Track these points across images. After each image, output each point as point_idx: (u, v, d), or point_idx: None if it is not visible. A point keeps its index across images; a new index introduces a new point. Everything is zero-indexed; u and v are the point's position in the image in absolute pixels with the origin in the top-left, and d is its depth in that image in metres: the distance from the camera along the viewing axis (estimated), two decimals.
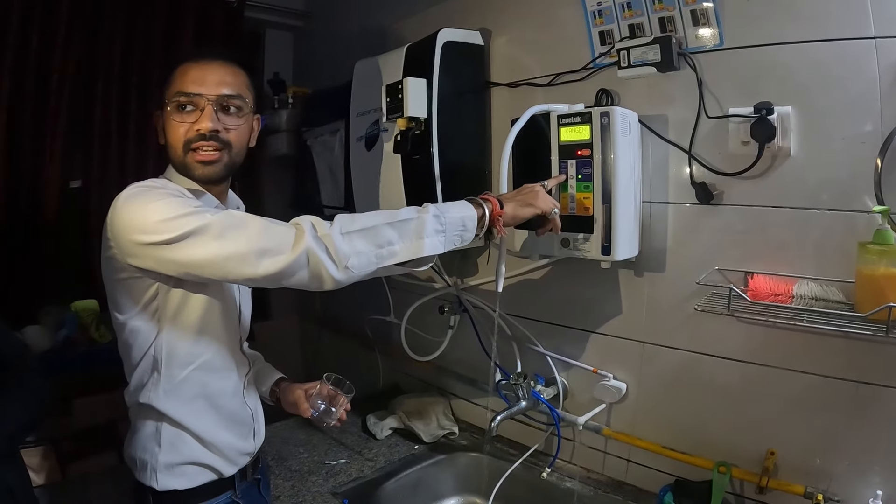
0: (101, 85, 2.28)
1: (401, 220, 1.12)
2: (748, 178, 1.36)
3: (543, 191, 1.35)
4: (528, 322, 1.87)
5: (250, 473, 1.38)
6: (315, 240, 1.04)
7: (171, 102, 1.18)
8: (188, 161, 1.19)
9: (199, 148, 1.19)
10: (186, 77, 1.18)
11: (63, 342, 2.10)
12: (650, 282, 1.57)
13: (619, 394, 1.63)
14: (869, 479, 1.23)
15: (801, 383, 1.32)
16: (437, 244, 1.15)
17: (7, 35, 2.05)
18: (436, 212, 1.15)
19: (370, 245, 1.09)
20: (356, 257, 1.07)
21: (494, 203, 1.24)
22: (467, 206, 1.21)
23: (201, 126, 1.17)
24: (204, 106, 1.17)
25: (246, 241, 1.03)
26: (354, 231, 1.08)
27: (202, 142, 1.18)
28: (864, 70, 1.20)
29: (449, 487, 1.89)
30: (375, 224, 1.10)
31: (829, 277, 1.26)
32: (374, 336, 2.47)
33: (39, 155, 2.17)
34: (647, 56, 1.45)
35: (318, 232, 1.05)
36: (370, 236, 1.09)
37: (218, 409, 1.26)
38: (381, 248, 1.10)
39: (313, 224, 1.06)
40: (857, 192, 1.22)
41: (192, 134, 1.18)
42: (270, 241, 1.03)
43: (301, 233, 1.04)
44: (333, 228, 1.06)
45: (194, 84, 1.17)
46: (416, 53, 1.83)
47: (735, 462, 1.41)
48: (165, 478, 1.21)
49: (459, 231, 1.18)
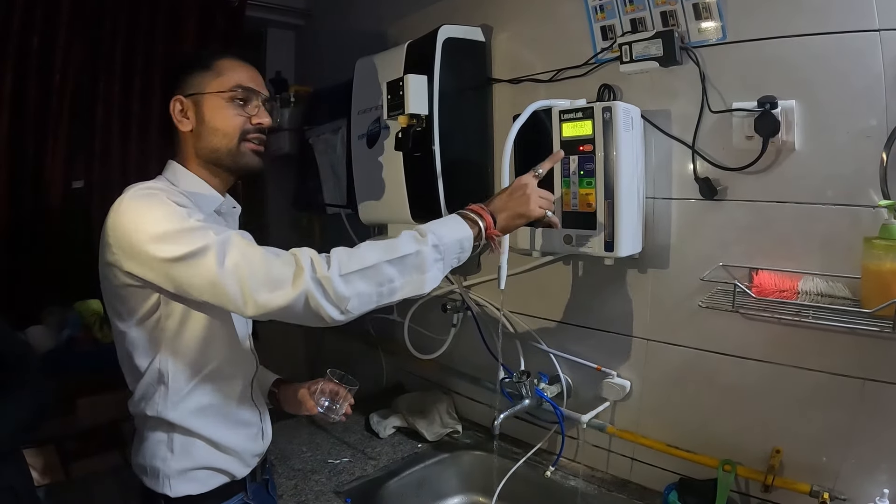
0: (103, 85, 2.28)
1: (400, 255, 1.08)
2: (752, 173, 1.35)
3: (535, 189, 1.27)
4: (531, 319, 1.86)
5: (259, 474, 1.38)
6: (314, 281, 1.01)
7: (228, 93, 1.22)
8: (242, 149, 1.24)
9: (254, 139, 1.25)
10: (241, 73, 1.24)
11: (66, 342, 2.10)
12: (654, 278, 1.56)
13: (623, 392, 1.62)
14: (875, 478, 1.21)
15: (807, 380, 1.31)
16: (438, 274, 1.14)
17: (8, 36, 2.05)
18: (434, 240, 1.12)
19: (370, 285, 1.06)
20: (356, 299, 1.05)
21: (488, 219, 1.21)
22: (462, 225, 1.18)
23: (263, 120, 1.25)
24: (259, 104, 1.26)
25: (246, 275, 1.01)
26: (354, 272, 1.04)
27: (259, 134, 1.26)
28: (869, 63, 1.18)
29: (452, 486, 1.89)
30: (375, 262, 1.06)
31: (834, 273, 1.24)
32: (378, 334, 2.47)
33: (42, 155, 2.17)
34: (650, 50, 1.44)
35: (317, 272, 1.02)
36: (370, 276, 1.06)
37: (228, 412, 1.26)
38: (382, 286, 1.07)
39: (312, 262, 1.03)
40: (862, 187, 1.21)
41: (250, 126, 1.24)
42: (269, 279, 1.01)
43: (300, 271, 1.02)
44: (332, 269, 1.03)
45: (252, 81, 1.25)
46: (417, 50, 1.82)
47: (740, 460, 1.40)
48: (179, 484, 1.21)
49: (457, 254, 1.17)
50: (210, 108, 1.22)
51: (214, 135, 1.22)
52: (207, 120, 1.22)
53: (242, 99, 1.23)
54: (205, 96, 1.22)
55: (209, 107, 1.22)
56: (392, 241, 1.10)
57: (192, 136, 1.23)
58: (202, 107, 1.22)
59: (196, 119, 1.23)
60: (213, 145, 1.23)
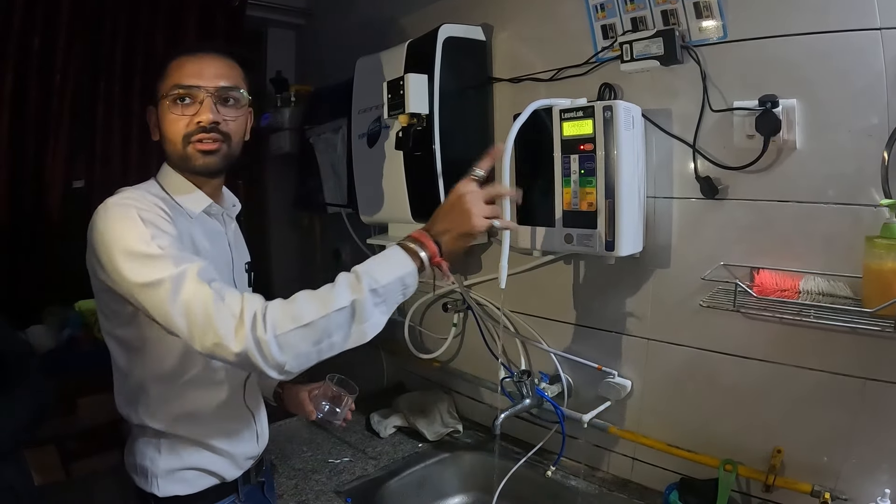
0: (104, 85, 2.29)
1: (336, 309, 0.99)
2: (753, 172, 1.34)
3: (475, 199, 1.14)
4: (532, 319, 1.86)
5: (254, 476, 1.37)
6: (254, 341, 0.96)
7: (169, 96, 1.16)
8: (188, 152, 1.17)
9: (199, 140, 1.17)
10: (183, 70, 1.16)
11: (67, 341, 2.11)
12: (655, 278, 1.56)
13: (624, 391, 1.62)
14: (876, 478, 1.21)
15: (808, 380, 1.31)
16: (381, 318, 1.06)
17: (9, 36, 2.05)
18: (371, 284, 1.02)
19: (307, 344, 0.99)
20: (294, 360, 0.99)
21: (431, 247, 1.10)
22: (402, 260, 1.08)
23: (202, 118, 1.15)
24: (203, 98, 1.16)
25: (193, 316, 0.98)
26: (289, 331, 0.97)
27: (202, 134, 1.16)
28: (870, 62, 1.18)
29: (453, 486, 1.88)
30: (310, 321, 0.98)
31: (835, 272, 1.24)
32: (378, 334, 2.46)
33: (42, 155, 2.18)
34: (650, 49, 1.44)
35: (257, 331, 0.96)
36: (306, 335, 0.98)
37: (215, 416, 1.24)
38: (320, 343, 1.00)
39: (255, 319, 0.97)
40: (863, 186, 1.20)
41: (192, 127, 1.16)
42: (212, 328, 0.97)
43: (241, 328, 0.96)
44: (268, 332, 0.96)
45: (192, 77, 1.16)
46: (418, 49, 1.82)
47: (741, 460, 1.39)
48: (167, 484, 1.20)
49: (400, 291, 1.07)
50: (162, 114, 1.18)
51: (166, 142, 1.20)
52: (161, 128, 1.19)
53: (180, 98, 1.16)
54: (159, 104, 1.18)
55: (162, 113, 1.18)
56: (328, 292, 1.01)
57: (162, 145, 1.21)
58: (159, 115, 1.19)
59: (158, 128, 1.21)
60: (168, 152, 1.21)
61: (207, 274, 1.02)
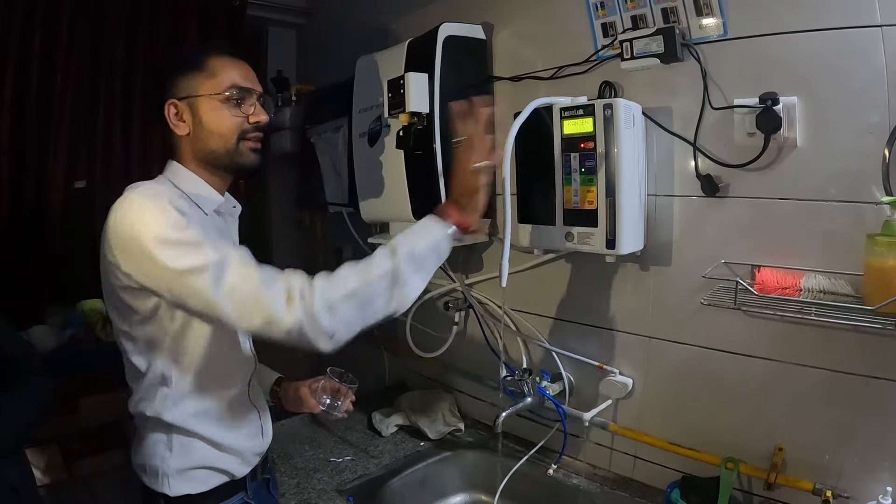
0: (105, 85, 2.29)
1: (377, 276, 1.09)
2: (754, 170, 1.34)
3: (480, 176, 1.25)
4: (533, 317, 1.86)
5: (260, 473, 1.38)
6: (306, 314, 1.03)
7: (223, 94, 1.20)
8: (241, 149, 1.24)
9: (253, 138, 1.25)
10: (234, 72, 1.22)
11: (69, 341, 2.11)
12: (656, 276, 1.56)
13: (626, 389, 1.62)
14: (878, 476, 1.21)
15: (810, 378, 1.30)
16: (419, 284, 1.14)
17: (10, 36, 2.06)
18: (408, 252, 1.12)
19: (355, 313, 1.08)
20: (344, 327, 1.07)
21: (454, 213, 1.20)
22: (434, 226, 1.18)
23: (261, 118, 1.24)
24: (254, 101, 1.24)
25: (240, 300, 1.04)
26: (337, 301, 1.05)
27: (258, 132, 1.25)
28: (871, 59, 1.17)
29: (455, 484, 1.89)
30: (355, 288, 1.07)
31: (837, 270, 1.24)
32: (379, 333, 2.46)
33: (44, 155, 2.18)
34: (651, 47, 1.43)
35: (307, 305, 1.03)
36: (353, 303, 1.07)
37: (226, 412, 1.26)
38: (366, 310, 1.09)
39: (303, 294, 1.04)
40: (864, 184, 1.20)
41: (248, 125, 1.23)
42: (263, 308, 1.03)
43: (291, 304, 1.03)
44: (318, 302, 1.04)
45: (246, 80, 1.23)
46: (418, 48, 1.82)
47: (743, 458, 1.39)
48: (178, 483, 1.21)
49: (436, 256, 1.17)
50: (206, 110, 1.20)
51: (212, 137, 1.21)
52: (205, 123, 1.21)
53: (238, 98, 1.22)
54: (199, 98, 1.20)
55: (205, 109, 1.20)
56: (367, 262, 1.10)
57: (189, 139, 1.22)
58: (198, 109, 1.20)
59: (192, 122, 1.21)
60: (211, 147, 1.22)
61: (249, 258, 1.09)
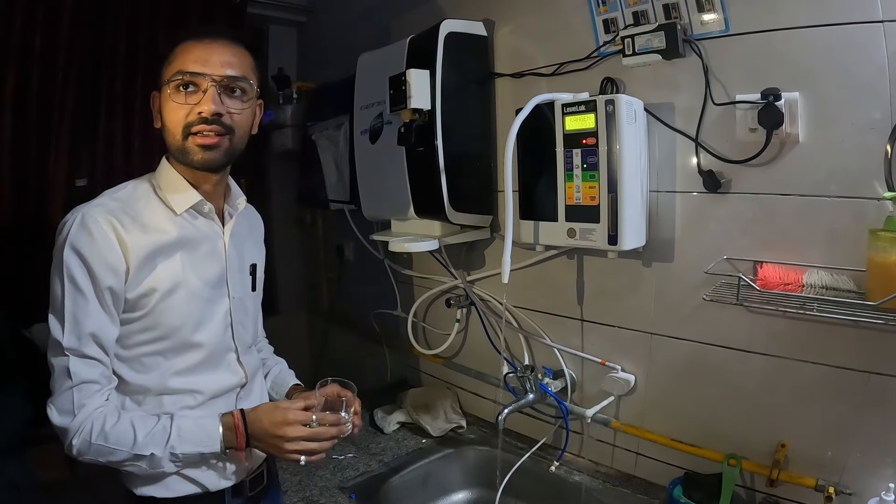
0: (106, 83, 2.28)
1: (135, 454, 1.08)
2: (756, 166, 1.34)
3: (294, 432, 1.14)
4: (535, 314, 1.86)
5: (248, 490, 1.27)
6: (76, 433, 1.07)
7: (171, 82, 1.10)
8: (187, 146, 1.11)
9: (199, 132, 1.11)
10: (189, 55, 1.10)
11: None
12: (658, 272, 1.55)
13: (628, 386, 1.62)
14: (881, 472, 1.21)
15: (812, 374, 1.30)
16: (172, 468, 1.13)
17: (11, 34, 2.05)
18: (174, 448, 1.10)
19: (101, 458, 1.09)
20: (88, 456, 1.09)
21: (241, 446, 1.15)
22: (213, 441, 1.13)
23: (203, 108, 1.09)
24: (207, 87, 1.10)
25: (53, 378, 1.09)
26: (98, 446, 1.07)
27: (203, 125, 1.10)
28: (872, 55, 1.17)
29: (457, 481, 1.89)
30: (115, 448, 1.08)
31: (839, 266, 1.24)
32: (381, 330, 2.47)
33: (46, 154, 2.17)
34: (652, 43, 1.43)
35: (82, 433, 1.07)
36: (107, 455, 1.08)
37: None
38: (113, 463, 1.10)
39: (81, 428, 1.07)
40: (866, 179, 1.20)
41: (193, 117, 1.10)
42: (53, 397, 1.09)
43: (71, 422, 1.07)
44: (92, 434, 1.07)
45: (197, 63, 1.09)
46: (419, 45, 1.81)
47: (745, 454, 1.40)
48: (142, 485, 1.16)
49: (197, 458, 1.15)
50: (163, 102, 1.13)
51: (167, 133, 1.15)
52: (163, 116, 1.14)
53: (187, 85, 1.10)
54: (162, 89, 1.13)
55: (163, 100, 1.13)
56: (142, 435, 1.09)
57: (163, 133, 1.17)
58: (162, 102, 1.14)
59: (160, 116, 1.16)
60: (168, 142, 1.15)
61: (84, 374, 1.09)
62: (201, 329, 1.18)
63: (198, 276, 1.18)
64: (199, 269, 1.19)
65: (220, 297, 1.23)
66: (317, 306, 2.99)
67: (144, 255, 1.11)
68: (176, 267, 1.15)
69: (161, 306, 1.13)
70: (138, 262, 1.10)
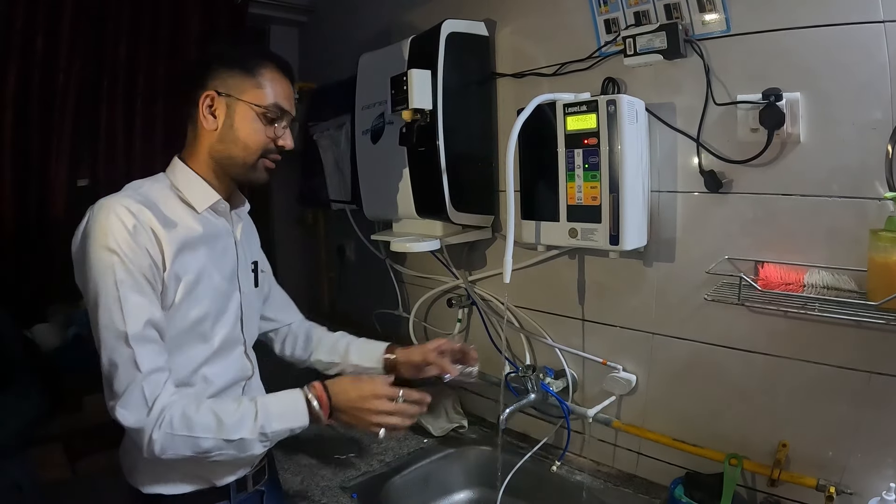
0: (107, 83, 2.28)
1: (225, 439, 1.10)
2: (757, 166, 1.34)
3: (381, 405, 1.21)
4: (536, 314, 1.86)
5: (251, 485, 1.33)
6: (150, 426, 1.06)
7: (263, 109, 1.20)
8: (259, 165, 1.24)
9: (273, 159, 1.26)
10: (280, 90, 1.23)
11: (72, 340, 2.11)
12: (659, 272, 1.56)
13: (629, 386, 1.62)
14: (882, 471, 1.21)
15: (813, 374, 1.30)
16: (260, 449, 1.17)
17: (12, 35, 2.06)
18: (263, 428, 1.12)
19: (188, 450, 1.09)
20: (171, 453, 1.08)
21: (325, 416, 1.19)
22: (300, 415, 1.17)
23: (287, 144, 1.25)
24: (286, 125, 1.25)
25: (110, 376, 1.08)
26: (179, 436, 1.07)
27: (277, 155, 1.26)
28: (874, 55, 1.17)
29: (458, 481, 1.89)
30: (200, 436, 1.09)
31: (840, 266, 1.24)
32: (383, 330, 2.46)
33: (47, 154, 2.17)
34: (654, 43, 1.43)
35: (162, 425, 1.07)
36: (192, 444, 1.09)
37: None
38: (198, 453, 1.10)
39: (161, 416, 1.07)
40: (868, 179, 1.20)
41: (272, 146, 1.23)
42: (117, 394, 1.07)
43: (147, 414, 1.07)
44: (174, 424, 1.07)
45: (287, 101, 1.24)
46: (421, 45, 1.82)
47: (747, 454, 1.39)
48: (149, 482, 1.19)
49: (287, 435, 1.18)
50: (241, 116, 1.19)
51: (236, 144, 1.21)
52: (236, 128, 1.20)
53: (274, 118, 1.22)
54: (238, 102, 1.19)
55: (240, 115, 1.19)
56: (228, 418, 1.11)
57: (213, 136, 1.21)
58: (233, 112, 1.19)
59: (223, 121, 1.20)
60: (231, 153, 1.21)
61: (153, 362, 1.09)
62: (220, 321, 1.24)
63: (217, 271, 1.24)
64: (219, 263, 1.25)
65: (233, 292, 1.29)
66: (318, 306, 2.99)
67: (176, 248, 1.15)
68: (200, 261, 1.20)
69: (188, 298, 1.17)
70: (171, 253, 1.14)
